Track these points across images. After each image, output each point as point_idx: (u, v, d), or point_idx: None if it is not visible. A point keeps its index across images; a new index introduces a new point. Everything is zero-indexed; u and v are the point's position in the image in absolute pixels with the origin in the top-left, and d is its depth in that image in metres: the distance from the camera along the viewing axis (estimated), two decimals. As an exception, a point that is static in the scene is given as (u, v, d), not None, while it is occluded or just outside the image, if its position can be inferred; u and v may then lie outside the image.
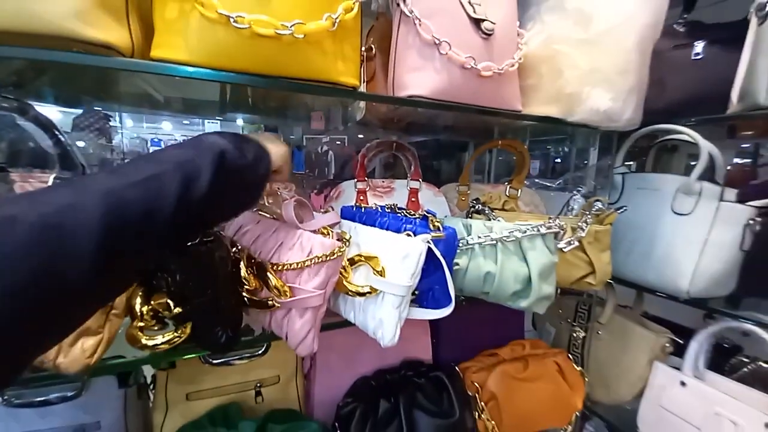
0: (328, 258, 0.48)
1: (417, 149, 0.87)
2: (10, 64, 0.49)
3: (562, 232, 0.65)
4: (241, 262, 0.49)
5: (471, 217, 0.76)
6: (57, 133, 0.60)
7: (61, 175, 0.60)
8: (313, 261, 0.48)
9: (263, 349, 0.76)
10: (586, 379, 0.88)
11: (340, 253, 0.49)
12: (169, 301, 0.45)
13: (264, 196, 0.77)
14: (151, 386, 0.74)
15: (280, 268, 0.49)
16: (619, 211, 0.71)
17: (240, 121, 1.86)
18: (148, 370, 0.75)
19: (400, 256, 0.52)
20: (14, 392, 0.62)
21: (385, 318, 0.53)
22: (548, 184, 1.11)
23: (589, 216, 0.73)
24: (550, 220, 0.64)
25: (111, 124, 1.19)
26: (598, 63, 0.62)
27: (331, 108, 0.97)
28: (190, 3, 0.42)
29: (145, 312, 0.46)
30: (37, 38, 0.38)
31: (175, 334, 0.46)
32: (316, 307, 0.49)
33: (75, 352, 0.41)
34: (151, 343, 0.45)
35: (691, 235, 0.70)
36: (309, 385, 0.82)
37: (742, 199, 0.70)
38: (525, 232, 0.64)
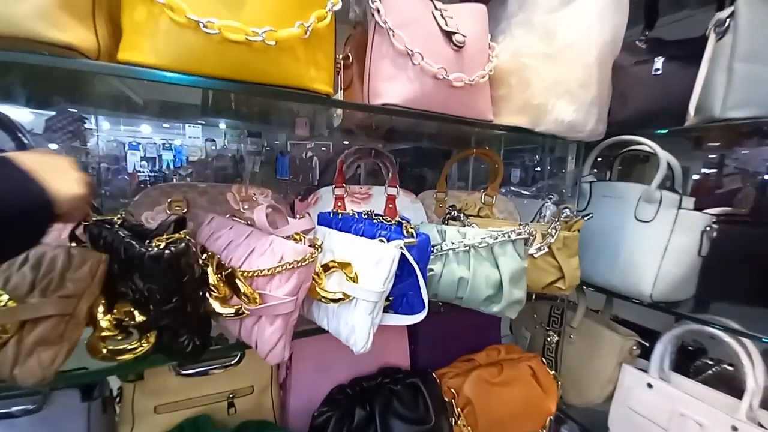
0: (299, 264, 0.48)
1: (399, 156, 0.89)
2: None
3: (532, 238, 0.67)
4: (209, 268, 0.49)
5: (447, 224, 0.77)
6: (20, 134, 0.58)
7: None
8: (284, 267, 0.48)
9: (237, 359, 0.75)
10: (559, 383, 0.90)
11: (312, 259, 0.49)
12: (132, 309, 0.44)
13: (239, 201, 0.76)
14: (117, 399, 0.71)
15: (250, 274, 0.48)
16: (585, 218, 0.74)
17: (223, 125, 1.83)
18: (114, 382, 0.72)
19: (373, 262, 0.53)
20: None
21: (358, 324, 0.53)
22: (524, 192, 1.14)
23: (558, 223, 0.76)
24: (521, 227, 0.66)
25: (86, 126, 1.16)
26: (562, 76, 0.66)
27: (316, 114, 0.98)
28: (158, 7, 0.41)
29: (107, 321, 0.45)
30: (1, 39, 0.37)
31: (139, 343, 0.44)
32: (287, 314, 0.49)
33: (31, 363, 0.40)
34: (118, 357, 0.44)
35: (653, 241, 0.73)
36: (284, 394, 0.81)
37: (700, 207, 0.74)
38: (497, 238, 0.66)
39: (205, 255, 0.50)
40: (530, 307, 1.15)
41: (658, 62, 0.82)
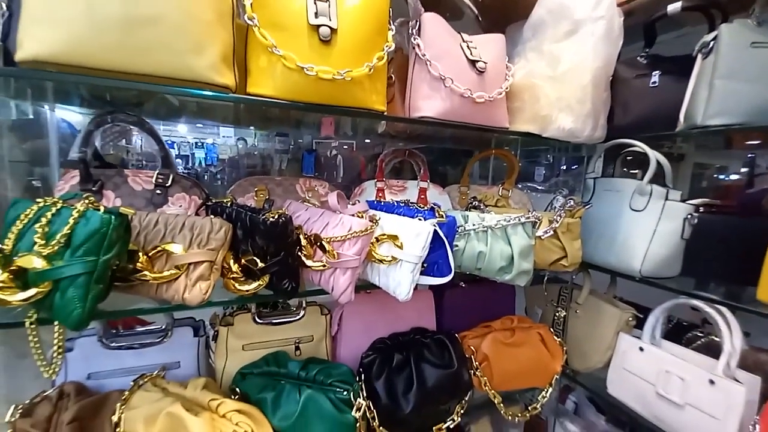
0: (363, 233, 0.68)
1: (425, 156, 1.07)
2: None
3: (539, 222, 0.84)
4: (301, 235, 0.70)
5: (469, 211, 0.95)
6: (162, 141, 0.81)
7: (162, 171, 0.82)
8: (352, 235, 0.68)
9: (300, 315, 0.96)
10: (565, 349, 1.06)
11: (372, 230, 0.69)
12: (256, 258, 0.65)
13: (305, 190, 0.98)
14: (214, 340, 0.94)
15: (328, 240, 0.69)
16: (585, 207, 0.89)
17: (252, 127, 1.95)
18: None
19: (414, 234, 0.72)
20: (113, 338, 0.82)
21: (403, 280, 0.72)
22: (538, 187, 1.30)
23: (562, 211, 0.92)
24: (529, 213, 0.83)
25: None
26: (563, 93, 0.82)
27: (360, 122, 1.18)
28: (276, 57, 0.62)
29: (236, 267, 0.67)
30: (179, 81, 0.59)
31: (258, 282, 0.66)
32: (354, 268, 0.69)
33: (195, 291, 0.62)
34: (243, 288, 0.65)
35: (643, 227, 0.88)
36: (335, 345, 1.01)
37: (684, 199, 0.89)
38: (509, 221, 0.83)
39: (297, 226, 0.71)
40: (542, 288, 1.31)
41: (655, 76, 0.96)
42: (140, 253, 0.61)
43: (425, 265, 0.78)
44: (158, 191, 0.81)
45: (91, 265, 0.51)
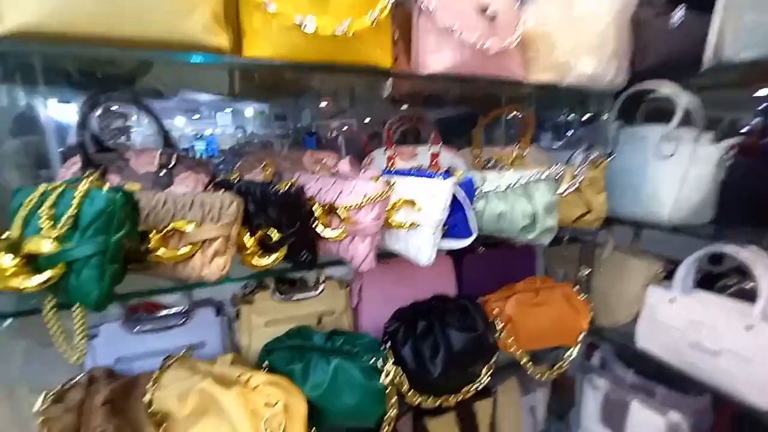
0: (379, 197, 0.65)
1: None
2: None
3: (561, 175, 0.80)
4: (315, 205, 0.67)
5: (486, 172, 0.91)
6: (159, 120, 0.78)
7: (165, 151, 0.79)
8: (368, 200, 0.65)
9: (319, 290, 0.95)
10: (591, 305, 1.03)
11: (388, 194, 0.66)
12: (270, 231, 0.63)
13: (313, 163, 0.95)
14: (236, 319, 0.94)
15: (345, 208, 0.66)
16: (609, 158, 0.85)
17: (250, 111, 1.92)
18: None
19: (431, 196, 0.69)
20: (135, 323, 0.83)
21: (423, 244, 0.70)
22: (554, 147, 1.25)
23: (585, 164, 0.88)
24: (551, 168, 0.79)
25: (128, 123, 1.32)
26: (582, 37, 0.76)
27: (338, 89, 1.11)
28: (270, 15, 0.58)
29: (252, 242, 0.65)
30: (170, 45, 0.55)
31: (276, 255, 0.64)
32: (373, 235, 0.66)
33: (213, 267, 0.60)
34: (262, 262, 0.64)
35: (672, 174, 0.84)
36: (357, 316, 1.01)
37: (716, 141, 0.83)
38: (530, 178, 0.79)
39: (309, 197, 0.69)
40: (562, 249, 1.28)
41: (677, 13, 0.88)
42: (152, 234, 0.59)
43: (445, 227, 0.76)
44: (163, 172, 0.78)
45: (103, 244, 0.50)
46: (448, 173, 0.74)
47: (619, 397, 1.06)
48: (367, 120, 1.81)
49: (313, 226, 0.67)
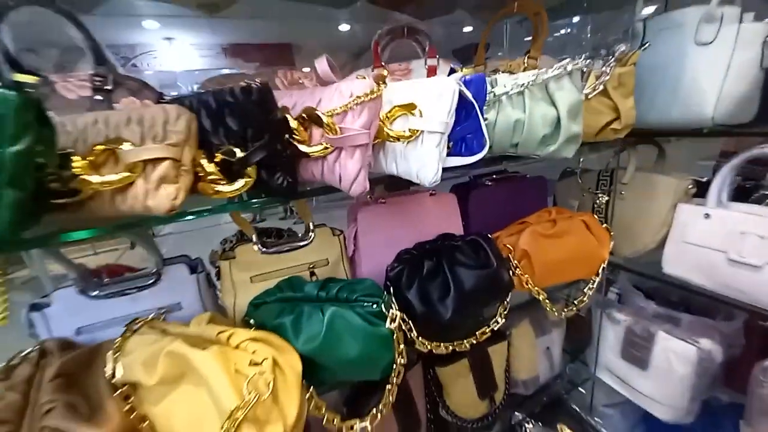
0: (368, 97, 0.50)
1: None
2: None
3: (588, 69, 0.66)
4: (288, 114, 0.52)
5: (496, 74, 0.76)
6: (84, 27, 0.61)
7: (98, 71, 0.63)
8: (355, 102, 0.51)
9: (310, 240, 0.83)
10: (612, 233, 0.93)
11: (379, 93, 0.51)
12: (233, 148, 0.49)
13: (287, 85, 0.79)
14: (217, 278, 0.82)
15: (326, 114, 0.52)
16: (642, 48, 0.71)
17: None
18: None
19: (435, 96, 0.55)
20: (96, 288, 0.70)
21: (427, 157, 0.56)
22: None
23: (612, 60, 0.73)
24: (576, 59, 0.65)
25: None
26: None
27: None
28: None
29: (212, 166, 0.51)
30: None
31: (245, 180, 0.50)
32: (363, 147, 0.53)
33: (160, 195, 0.46)
34: (227, 189, 0.50)
35: (715, 62, 0.70)
36: (354, 266, 0.90)
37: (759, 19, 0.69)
38: (552, 73, 0.65)
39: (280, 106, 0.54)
40: (571, 183, 1.16)
41: None
42: (76, 157, 0.45)
43: (450, 144, 0.62)
44: (99, 96, 0.62)
45: (-12, 159, 0.36)
46: (453, 71, 0.59)
47: (642, 329, 0.98)
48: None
49: (290, 141, 0.53)
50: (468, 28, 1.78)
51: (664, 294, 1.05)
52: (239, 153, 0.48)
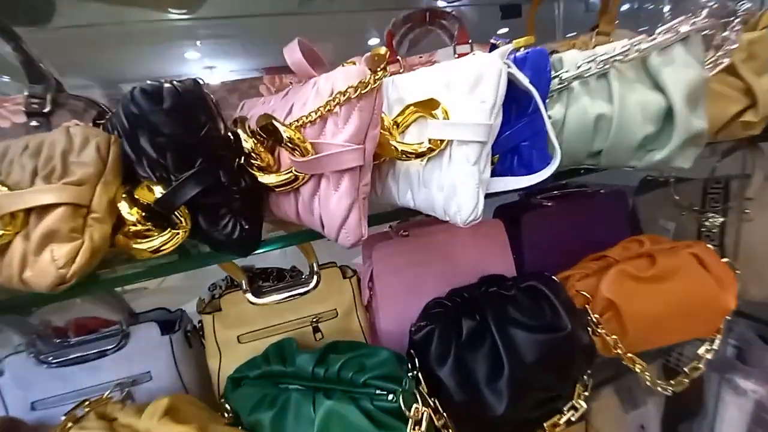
0: (358, 92, 0.31)
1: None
2: None
3: (714, 30, 0.41)
4: (240, 130, 0.35)
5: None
6: (15, 36, 0.49)
7: (32, 91, 0.50)
8: (336, 101, 0.31)
9: (313, 284, 0.65)
10: (737, 272, 0.64)
11: (376, 85, 0.32)
12: (150, 184, 0.32)
13: (274, 92, 0.62)
14: (201, 333, 0.66)
15: (294, 126, 0.33)
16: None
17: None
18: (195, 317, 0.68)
19: (470, 84, 0.34)
20: (52, 353, 0.57)
21: (459, 180, 0.35)
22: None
23: (736, 22, 0.48)
24: (696, 16, 0.41)
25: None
26: None
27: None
28: None
29: (135, 214, 0.34)
30: None
31: (173, 230, 0.33)
32: (353, 172, 0.33)
33: (42, 263, 0.30)
34: (146, 246, 0.33)
35: None
36: (372, 317, 0.70)
37: None
38: (656, 41, 0.41)
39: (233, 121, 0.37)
40: (662, 195, 0.87)
41: None
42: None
43: (496, 157, 0.41)
44: (35, 122, 0.50)
45: None
46: (495, 47, 0.38)
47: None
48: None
49: (247, 168, 0.35)
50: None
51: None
52: (158, 192, 0.31)
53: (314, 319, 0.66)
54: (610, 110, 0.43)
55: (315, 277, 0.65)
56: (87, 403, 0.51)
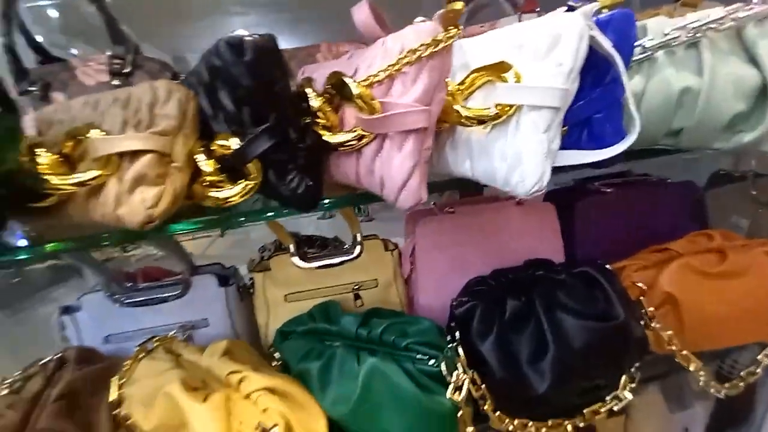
0: (429, 50, 0.31)
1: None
2: None
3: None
4: (308, 89, 0.36)
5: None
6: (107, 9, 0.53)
7: (115, 52, 0.54)
8: (407, 60, 0.31)
9: (356, 253, 0.67)
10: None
11: (448, 42, 0.31)
12: (229, 136, 0.34)
13: (331, 60, 0.63)
14: (250, 291, 0.71)
15: (360, 83, 0.33)
16: None
17: None
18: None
19: (547, 45, 0.32)
20: (124, 294, 0.64)
21: (527, 148, 0.34)
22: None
23: None
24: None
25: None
26: None
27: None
28: None
29: (210, 165, 0.37)
30: None
31: (245, 183, 0.35)
32: (419, 134, 0.33)
33: (134, 201, 0.34)
34: (221, 195, 0.36)
35: None
36: (411, 291, 0.71)
37: None
38: (753, 9, 0.37)
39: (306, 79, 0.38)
40: (735, 190, 0.80)
41: None
42: (43, 151, 0.35)
43: (565, 128, 0.39)
44: (116, 81, 0.54)
45: None
46: (572, 9, 0.36)
47: None
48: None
49: (311, 127, 0.36)
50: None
51: None
52: (234, 144, 0.33)
53: (355, 287, 0.68)
54: (698, 83, 0.39)
55: (358, 246, 0.67)
56: (156, 339, 0.58)
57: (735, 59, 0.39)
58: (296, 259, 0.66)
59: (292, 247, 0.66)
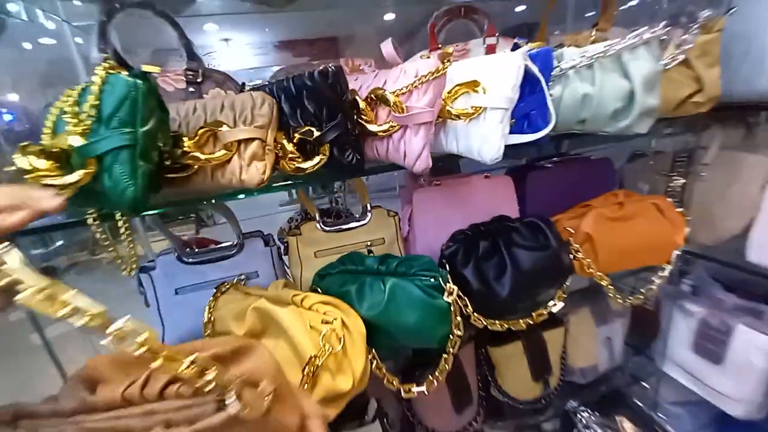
0: (433, 76, 0.53)
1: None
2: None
3: (667, 38, 0.61)
4: (357, 97, 0.57)
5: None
6: (179, 26, 0.70)
7: (190, 65, 0.72)
8: (420, 81, 0.53)
9: (367, 219, 0.88)
10: (688, 218, 0.86)
11: (444, 71, 0.53)
12: (311, 128, 0.54)
13: (349, 73, 0.83)
14: (285, 252, 0.90)
15: (392, 93, 0.55)
16: (729, 12, 0.64)
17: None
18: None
19: (500, 72, 0.55)
20: (190, 255, 0.81)
21: (489, 133, 0.57)
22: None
23: (695, 26, 0.67)
24: (655, 26, 0.61)
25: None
26: None
27: None
28: None
29: (291, 146, 0.57)
30: None
31: (320, 157, 0.56)
32: (427, 124, 0.55)
33: (252, 170, 0.53)
34: (306, 165, 0.56)
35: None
36: (409, 245, 0.93)
37: None
38: (626, 43, 0.62)
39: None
40: (640, 165, 1.08)
41: None
42: (185, 138, 0.53)
43: (513, 121, 0.62)
44: (191, 89, 0.72)
45: (131, 137, 0.44)
46: (517, 46, 0.59)
47: (719, 322, 0.91)
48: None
49: (358, 121, 0.57)
50: (520, 7, 1.69)
51: (743, 285, 0.95)
52: (316, 132, 0.54)
53: (368, 244, 0.89)
54: (593, 90, 0.64)
55: (368, 214, 0.88)
56: (227, 283, 0.76)
57: (615, 75, 0.63)
58: (320, 225, 0.86)
59: (317, 216, 0.86)
